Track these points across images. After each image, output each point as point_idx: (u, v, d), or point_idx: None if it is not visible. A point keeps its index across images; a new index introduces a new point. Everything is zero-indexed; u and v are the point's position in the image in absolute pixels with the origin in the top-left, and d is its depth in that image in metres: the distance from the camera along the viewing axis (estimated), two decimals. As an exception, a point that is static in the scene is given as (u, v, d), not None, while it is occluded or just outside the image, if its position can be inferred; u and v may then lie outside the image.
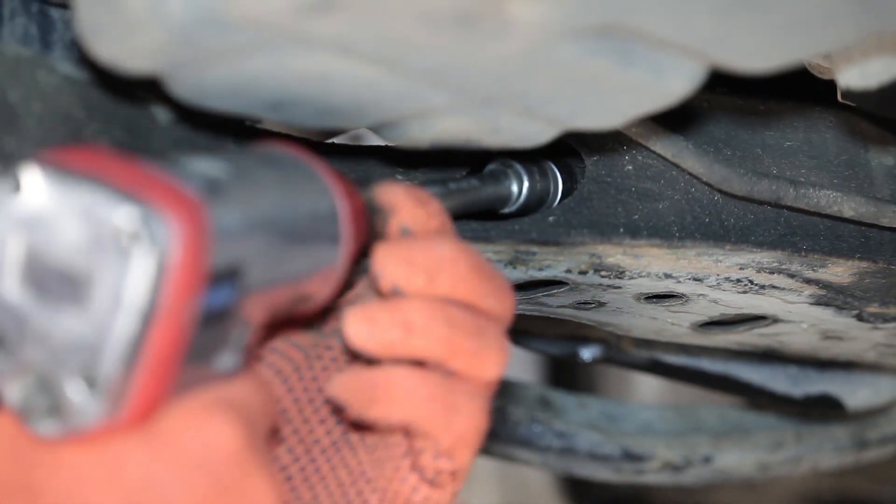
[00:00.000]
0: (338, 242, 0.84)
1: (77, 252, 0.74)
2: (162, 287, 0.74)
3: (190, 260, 0.74)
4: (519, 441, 1.48)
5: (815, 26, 0.87)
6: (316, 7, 0.78)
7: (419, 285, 0.86)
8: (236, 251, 0.77)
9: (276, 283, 0.81)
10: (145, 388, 0.75)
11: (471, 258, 0.88)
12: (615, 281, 1.11)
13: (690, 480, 1.55)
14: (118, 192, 0.74)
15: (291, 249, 0.82)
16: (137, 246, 0.73)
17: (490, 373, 0.87)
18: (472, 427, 0.86)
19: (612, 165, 1.09)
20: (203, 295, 0.75)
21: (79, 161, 0.75)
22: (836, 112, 1.16)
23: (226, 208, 0.77)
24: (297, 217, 0.82)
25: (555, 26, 0.82)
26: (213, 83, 0.86)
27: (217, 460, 0.76)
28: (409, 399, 0.85)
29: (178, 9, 0.78)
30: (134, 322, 0.74)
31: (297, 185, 0.83)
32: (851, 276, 1.17)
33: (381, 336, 0.85)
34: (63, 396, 0.74)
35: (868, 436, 1.60)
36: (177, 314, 0.74)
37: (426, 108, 0.91)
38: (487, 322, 0.87)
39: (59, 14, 0.95)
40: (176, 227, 0.74)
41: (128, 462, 0.75)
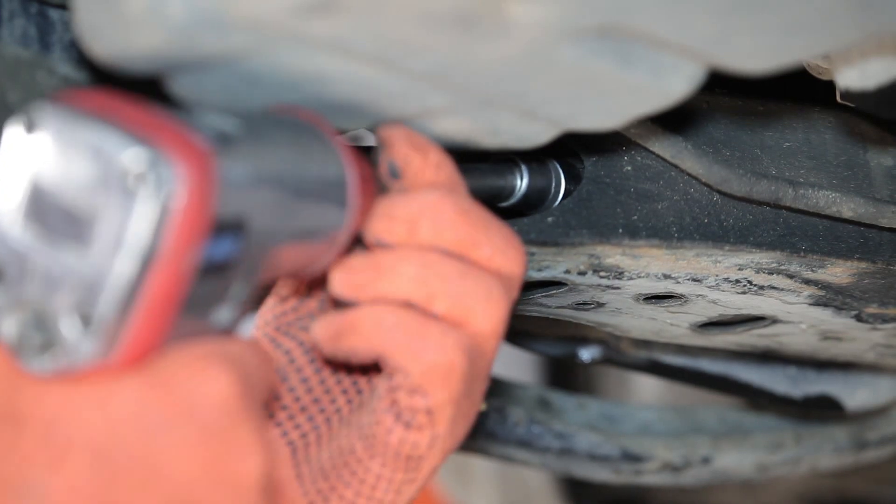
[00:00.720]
0: (344, 208, 0.84)
1: (82, 191, 0.74)
2: (164, 231, 0.74)
3: (195, 206, 0.74)
4: (518, 442, 1.48)
5: (815, 27, 0.87)
6: (315, 8, 0.78)
7: (401, 236, 0.85)
8: (242, 204, 0.77)
9: (280, 241, 0.81)
10: (140, 331, 0.75)
11: (461, 206, 0.86)
12: (614, 281, 1.11)
13: (689, 481, 1.55)
14: (128, 134, 0.74)
15: (297, 209, 0.82)
16: (143, 187, 0.73)
17: (476, 321, 0.85)
18: (443, 359, 0.84)
19: (612, 166, 1.09)
20: (206, 244, 0.76)
21: (92, 102, 0.75)
22: (835, 113, 1.16)
23: (234, 161, 0.77)
24: (306, 178, 0.82)
25: (554, 27, 0.82)
26: (213, 84, 0.86)
27: (207, 406, 0.76)
28: (375, 329, 0.84)
29: (178, 9, 0.78)
30: (134, 263, 0.74)
31: (307, 148, 0.84)
32: (850, 276, 1.17)
33: (352, 278, 0.85)
34: (58, 333, 0.74)
35: (867, 437, 1.60)
36: (177, 260, 0.74)
37: (425, 109, 0.91)
38: (478, 270, 0.86)
39: (58, 15, 0.95)
40: (183, 172, 0.74)
41: (116, 396, 0.75)
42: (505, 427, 1.48)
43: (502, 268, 0.87)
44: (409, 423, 0.86)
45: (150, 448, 0.75)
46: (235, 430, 0.77)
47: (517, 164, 1.05)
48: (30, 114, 0.75)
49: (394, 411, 0.86)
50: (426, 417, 0.86)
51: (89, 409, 0.74)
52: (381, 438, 0.87)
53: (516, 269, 0.88)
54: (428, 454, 0.87)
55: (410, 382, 0.85)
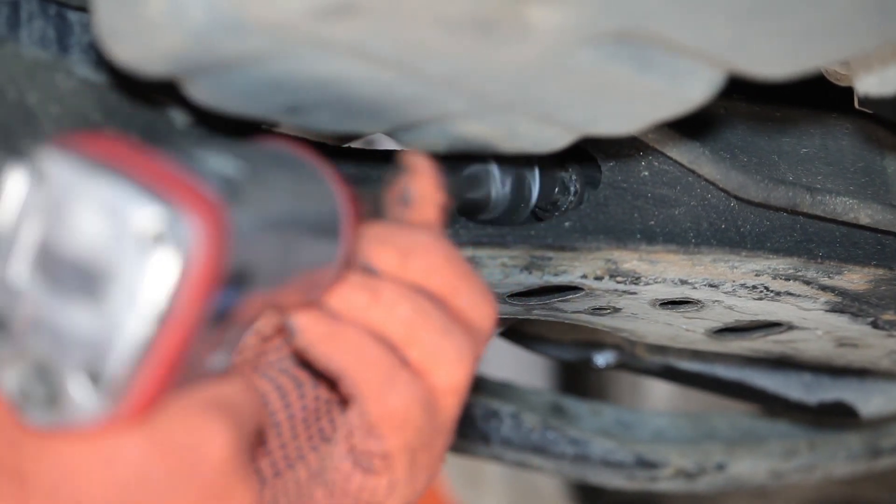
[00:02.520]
0: (336, 242, 0.84)
1: (95, 246, 0.73)
2: (181, 291, 0.73)
3: (211, 265, 0.73)
4: (533, 448, 1.48)
5: (834, 33, 0.87)
6: (333, 12, 0.78)
7: (392, 266, 0.85)
8: (248, 254, 0.77)
9: (279, 284, 0.81)
10: (148, 388, 0.74)
11: (448, 252, 0.87)
12: (631, 287, 1.11)
13: (704, 488, 1.55)
14: (142, 189, 0.73)
15: (295, 251, 0.81)
16: (160, 247, 0.72)
17: (439, 376, 0.86)
18: (402, 408, 0.84)
19: (629, 171, 1.09)
20: (216, 297, 0.75)
21: (100, 151, 0.74)
22: (852, 119, 1.16)
23: (242, 211, 0.76)
24: (304, 220, 0.82)
25: (573, 32, 0.81)
26: (231, 87, 0.86)
27: (209, 465, 0.76)
28: (356, 353, 0.84)
29: (197, 12, 0.78)
30: (148, 323, 0.73)
31: (304, 188, 0.83)
32: (867, 283, 1.16)
33: (348, 296, 0.84)
34: (62, 388, 0.73)
35: (881, 444, 1.60)
36: (191, 318, 0.73)
37: (443, 113, 0.91)
38: (458, 324, 0.86)
39: (77, 17, 0.95)
40: (201, 231, 0.72)
41: (121, 456, 0.75)
42: (520, 433, 1.47)
43: (475, 321, 0.88)
44: (367, 468, 0.86)
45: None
46: (233, 491, 0.77)
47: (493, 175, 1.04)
48: (36, 162, 0.74)
49: (351, 458, 0.86)
50: (382, 462, 0.86)
51: (95, 469, 0.74)
52: (340, 486, 0.87)
53: (487, 325, 0.88)
54: (387, 501, 0.87)
55: (366, 423, 0.85)
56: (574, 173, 1.08)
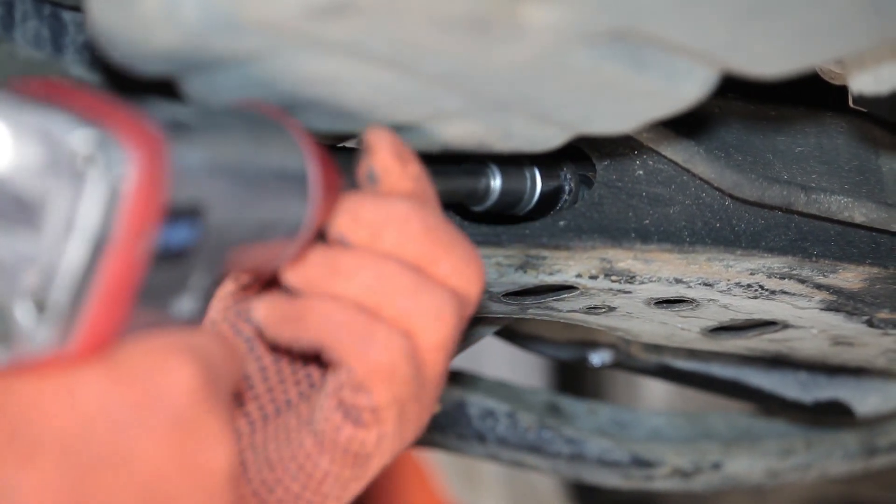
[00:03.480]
0: (305, 202, 0.83)
1: (31, 175, 0.73)
2: (116, 214, 0.72)
3: (145, 189, 0.73)
4: (528, 447, 1.48)
5: (828, 32, 0.87)
6: (328, 11, 0.78)
7: (363, 237, 0.86)
8: (198, 191, 0.76)
9: (241, 233, 0.80)
10: (96, 319, 0.73)
11: (427, 220, 0.87)
12: (625, 286, 1.11)
13: (700, 487, 1.55)
14: (76, 116, 0.73)
15: (257, 200, 0.81)
16: (92, 170, 0.72)
17: (421, 335, 0.86)
18: (386, 359, 0.85)
19: (623, 170, 1.09)
20: (159, 229, 0.74)
21: (42, 89, 0.74)
22: (847, 118, 1.16)
23: (188, 147, 0.76)
24: (265, 169, 0.81)
25: (568, 31, 0.81)
26: (225, 86, 0.86)
27: (173, 397, 0.75)
28: (323, 322, 0.84)
29: (191, 11, 0.78)
30: (86, 247, 0.72)
31: (266, 140, 0.83)
32: (862, 281, 1.17)
33: (307, 272, 0.85)
34: (13, 322, 0.73)
35: (877, 442, 1.60)
36: (130, 244, 0.73)
37: (438, 112, 0.91)
38: (433, 285, 0.86)
39: (71, 17, 0.95)
40: (133, 153, 0.72)
41: (83, 390, 0.74)
42: (516, 432, 1.47)
43: (458, 286, 0.88)
44: (357, 420, 0.86)
45: (119, 441, 0.74)
46: (203, 421, 0.76)
47: (490, 167, 1.04)
48: None
49: (341, 409, 0.86)
50: (372, 415, 0.86)
51: (56, 404, 0.74)
52: (330, 435, 0.87)
53: (473, 289, 0.88)
54: (375, 452, 0.88)
55: (353, 379, 0.85)
56: (569, 171, 1.07)
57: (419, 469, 2.78)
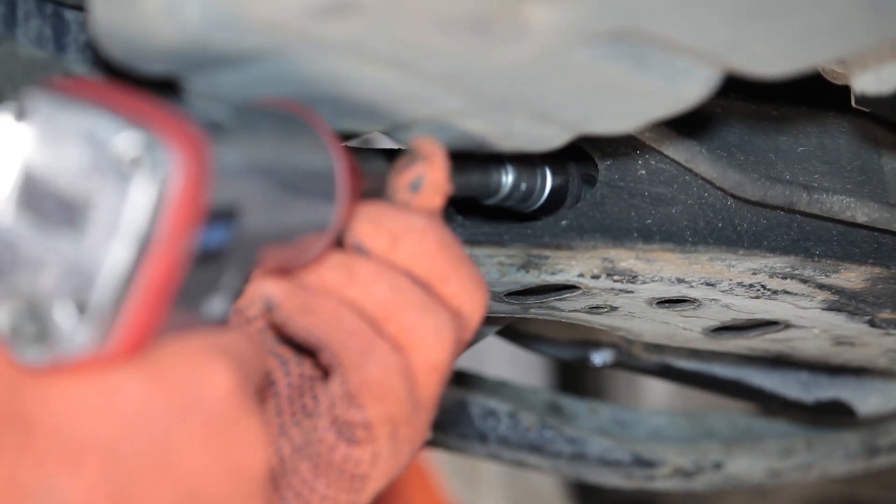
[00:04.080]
0: (333, 201, 0.84)
1: (76, 177, 0.73)
2: (161, 215, 0.73)
3: (191, 191, 0.73)
4: (530, 446, 1.48)
5: (830, 32, 0.87)
6: (330, 10, 0.78)
7: (381, 247, 0.86)
8: (235, 192, 0.77)
9: (271, 232, 0.81)
10: (136, 319, 0.74)
11: (442, 237, 0.88)
12: (627, 285, 1.11)
13: (701, 487, 1.55)
14: (121, 118, 0.73)
15: (288, 200, 0.81)
16: (138, 172, 0.72)
17: (421, 354, 0.86)
18: (381, 377, 0.85)
19: (626, 170, 1.09)
20: (200, 231, 0.75)
21: (83, 90, 0.74)
22: (849, 118, 1.16)
23: (227, 148, 0.76)
24: (296, 169, 0.82)
25: (570, 31, 0.81)
26: (228, 85, 0.86)
27: (211, 399, 0.76)
28: (335, 324, 0.85)
29: (194, 11, 0.78)
30: (130, 248, 0.73)
31: (297, 139, 0.83)
32: (864, 281, 1.17)
33: (325, 273, 0.85)
34: (52, 323, 0.73)
35: (879, 442, 1.60)
36: (173, 246, 0.73)
37: (440, 112, 0.91)
38: (439, 305, 0.87)
39: (74, 16, 0.95)
40: (179, 156, 0.73)
41: (123, 393, 0.74)
42: (517, 432, 1.47)
43: (463, 307, 0.88)
44: (350, 438, 0.86)
45: (160, 444, 0.74)
46: (241, 423, 0.77)
47: (503, 162, 1.04)
48: (20, 101, 0.74)
49: (334, 429, 0.86)
50: (364, 432, 0.86)
51: (97, 407, 0.74)
52: (325, 457, 0.87)
53: (476, 311, 0.89)
54: (371, 472, 0.87)
55: (347, 391, 0.85)
56: (574, 170, 1.07)
57: (420, 469, 2.78)
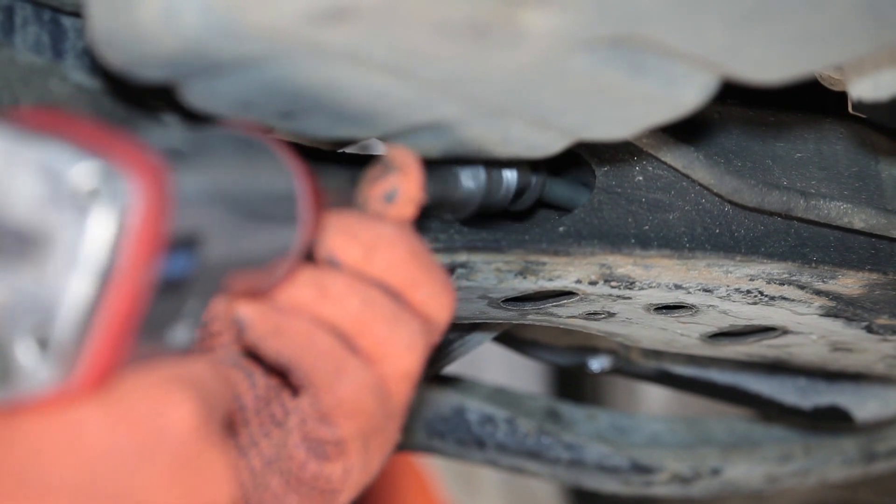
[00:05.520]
0: (296, 223, 0.83)
1: (33, 210, 0.71)
2: (120, 248, 0.71)
3: (151, 221, 0.72)
4: (528, 453, 1.48)
5: (827, 38, 0.87)
6: (329, 17, 0.78)
7: (354, 258, 0.86)
8: (196, 219, 0.76)
9: (235, 257, 0.80)
10: (99, 353, 0.72)
11: (413, 246, 0.88)
12: (625, 291, 1.11)
13: (699, 493, 1.55)
14: (77, 148, 0.71)
15: (250, 225, 0.80)
16: (96, 203, 0.71)
17: (390, 363, 0.87)
18: (353, 396, 0.85)
19: (623, 176, 1.09)
20: (162, 261, 0.73)
21: (38, 119, 0.73)
22: (846, 124, 1.16)
23: (187, 175, 0.75)
24: (257, 194, 0.81)
25: (567, 37, 0.82)
26: (225, 92, 0.86)
27: (175, 435, 0.75)
28: (306, 346, 0.84)
29: (191, 18, 0.78)
30: (90, 282, 0.71)
31: (256, 163, 0.82)
32: (861, 287, 1.17)
33: (295, 292, 0.85)
34: (12, 360, 0.72)
35: (876, 448, 1.60)
36: (135, 277, 0.72)
37: (438, 118, 0.91)
38: (410, 315, 0.87)
39: (71, 22, 0.95)
40: (138, 185, 0.71)
41: (86, 431, 0.73)
42: (515, 438, 1.47)
43: (432, 312, 0.89)
44: (321, 455, 0.86)
45: (126, 484, 0.74)
46: (205, 458, 0.76)
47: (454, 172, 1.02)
48: None
49: (305, 445, 0.86)
50: (335, 449, 0.86)
51: (61, 448, 0.73)
52: (295, 474, 0.87)
53: (444, 315, 0.90)
54: (342, 487, 0.87)
55: (318, 411, 0.85)
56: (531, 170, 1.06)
57: (418, 475, 2.78)
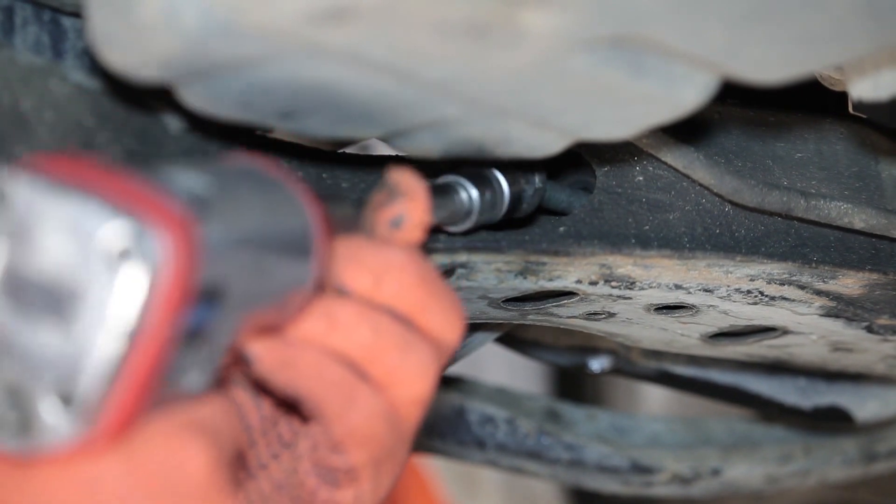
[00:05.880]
0: (310, 257, 0.82)
1: (62, 265, 0.71)
2: (150, 306, 0.71)
3: (180, 279, 0.72)
4: (528, 453, 1.48)
5: (828, 38, 0.87)
6: (329, 17, 0.78)
7: (364, 287, 0.86)
8: (221, 269, 0.75)
9: (255, 300, 0.79)
10: (122, 408, 0.72)
11: (422, 270, 0.87)
12: (625, 292, 1.11)
13: (699, 493, 1.55)
14: (108, 205, 0.71)
15: (268, 265, 0.80)
16: (127, 263, 0.71)
17: (402, 390, 0.86)
18: (365, 425, 0.85)
19: (623, 176, 1.09)
20: (188, 314, 0.73)
21: (66, 171, 0.73)
22: (847, 124, 1.16)
23: (212, 225, 0.75)
24: (275, 234, 0.81)
25: (568, 37, 0.82)
26: (225, 92, 0.86)
27: (191, 486, 0.76)
28: (316, 377, 0.84)
29: (192, 18, 0.78)
30: (118, 341, 0.71)
31: (274, 204, 0.81)
32: (861, 287, 1.17)
33: (305, 323, 0.84)
34: (34, 412, 0.72)
35: (877, 448, 1.60)
36: (162, 334, 0.72)
37: (438, 118, 0.91)
38: (420, 340, 0.87)
39: (71, 23, 0.94)
40: (169, 244, 0.71)
41: (101, 483, 0.74)
42: (515, 438, 1.47)
43: (442, 336, 0.88)
44: (333, 482, 0.86)
45: None
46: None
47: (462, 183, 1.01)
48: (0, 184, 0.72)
49: (316, 472, 0.86)
50: (347, 476, 0.86)
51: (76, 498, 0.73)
52: (306, 500, 0.86)
53: (454, 338, 0.89)
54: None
55: (330, 440, 0.85)
56: (530, 176, 1.06)
57: (418, 475, 2.78)
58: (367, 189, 1.04)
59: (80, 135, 0.92)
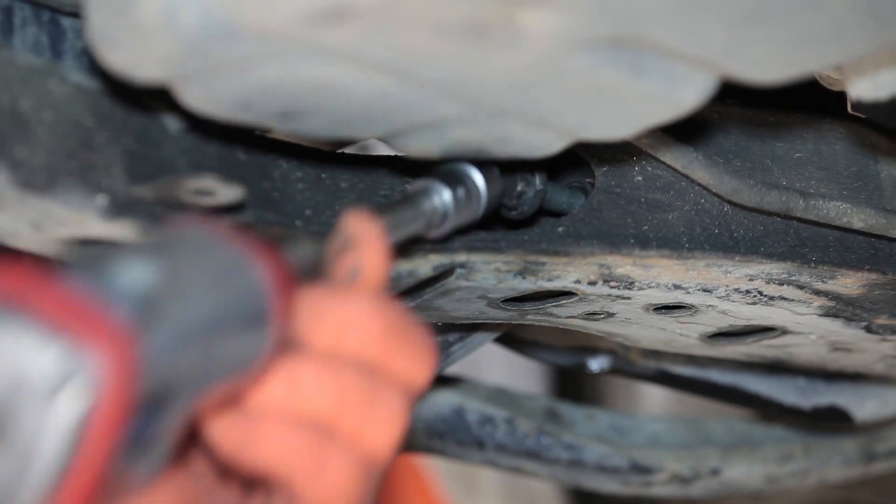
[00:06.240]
0: (266, 328, 0.79)
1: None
2: (86, 431, 0.69)
3: (120, 399, 0.69)
4: (527, 453, 1.48)
5: (827, 38, 0.87)
6: (328, 17, 0.78)
7: (326, 343, 0.83)
8: (167, 373, 0.73)
9: (207, 385, 0.77)
10: None
11: (385, 317, 0.84)
12: (624, 292, 1.11)
13: (698, 493, 1.55)
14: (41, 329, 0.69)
15: (222, 350, 0.77)
16: (63, 389, 0.69)
17: (372, 441, 0.84)
18: (337, 485, 0.83)
19: (622, 176, 1.09)
20: (128, 425, 0.71)
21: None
22: (846, 123, 1.16)
23: (158, 330, 0.72)
24: (228, 316, 0.77)
25: (567, 37, 0.82)
26: (224, 92, 0.86)
27: None
28: (279, 450, 0.81)
29: (191, 18, 0.78)
30: (53, 467, 0.69)
31: (226, 276, 0.77)
32: (861, 287, 1.17)
33: (266, 391, 0.81)
34: None
35: (876, 448, 1.60)
36: (100, 452, 0.70)
37: (437, 119, 0.91)
38: (388, 387, 0.84)
39: (70, 23, 0.95)
40: (107, 366, 0.69)
41: None
42: (514, 438, 1.47)
43: (411, 377, 0.86)
44: None
45: None
46: None
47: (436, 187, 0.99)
48: None
49: None
50: None
51: None
52: None
53: (423, 377, 0.87)
54: None
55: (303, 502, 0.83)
56: (529, 175, 1.06)
57: (418, 475, 2.78)
58: (367, 189, 1.04)
59: (79, 135, 0.92)
